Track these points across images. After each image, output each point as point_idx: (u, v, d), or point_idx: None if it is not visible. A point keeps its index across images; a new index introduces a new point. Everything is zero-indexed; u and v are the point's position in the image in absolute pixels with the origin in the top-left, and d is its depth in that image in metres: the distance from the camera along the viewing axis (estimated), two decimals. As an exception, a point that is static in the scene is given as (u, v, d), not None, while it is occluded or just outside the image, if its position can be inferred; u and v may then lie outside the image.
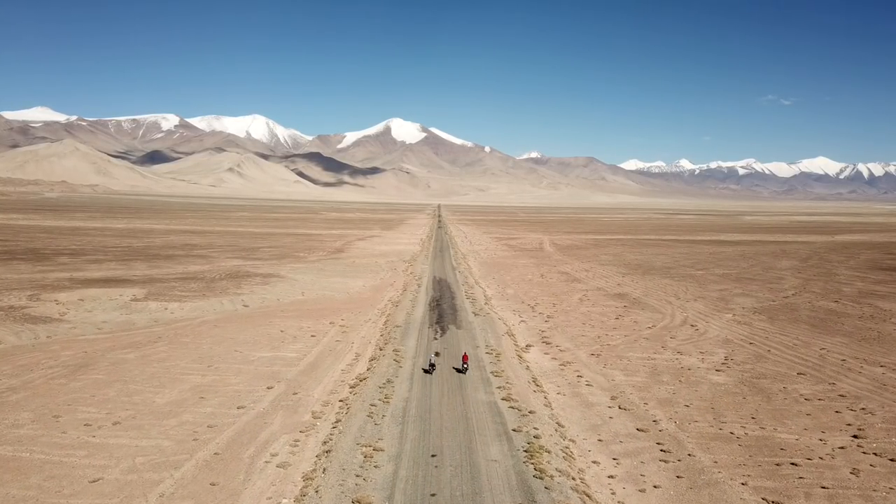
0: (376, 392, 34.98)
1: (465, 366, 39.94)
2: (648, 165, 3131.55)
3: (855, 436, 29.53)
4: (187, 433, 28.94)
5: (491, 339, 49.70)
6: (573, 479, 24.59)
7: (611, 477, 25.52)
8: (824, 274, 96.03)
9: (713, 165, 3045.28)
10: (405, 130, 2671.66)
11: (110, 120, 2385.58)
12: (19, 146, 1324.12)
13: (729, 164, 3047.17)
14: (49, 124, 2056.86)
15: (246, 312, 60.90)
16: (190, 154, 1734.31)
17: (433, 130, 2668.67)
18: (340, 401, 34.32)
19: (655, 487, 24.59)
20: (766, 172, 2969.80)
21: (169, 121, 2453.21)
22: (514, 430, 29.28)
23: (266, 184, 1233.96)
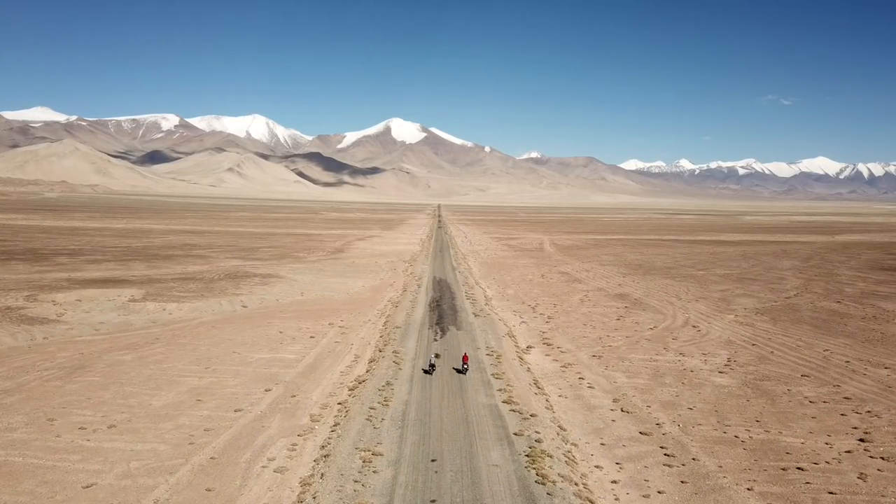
0: (375, 395, 34.54)
1: (466, 366, 39.58)
2: (648, 165, 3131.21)
3: (861, 439, 29.08)
4: (183, 437, 28.51)
5: (491, 341, 49.26)
6: (576, 485, 24.15)
7: (614, 482, 25.07)
8: (826, 274, 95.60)
9: (713, 165, 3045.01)
10: (405, 130, 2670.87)
11: (110, 120, 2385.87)
12: (19, 146, 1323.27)
13: (729, 164, 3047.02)
14: (49, 124, 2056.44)
15: (245, 313, 60.48)
16: (190, 154, 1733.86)
17: (433, 130, 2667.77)
18: (339, 404, 33.89)
19: (660, 493, 24.14)
20: (766, 172, 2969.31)
21: (169, 121, 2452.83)
22: (516, 434, 28.83)
23: (266, 184, 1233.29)
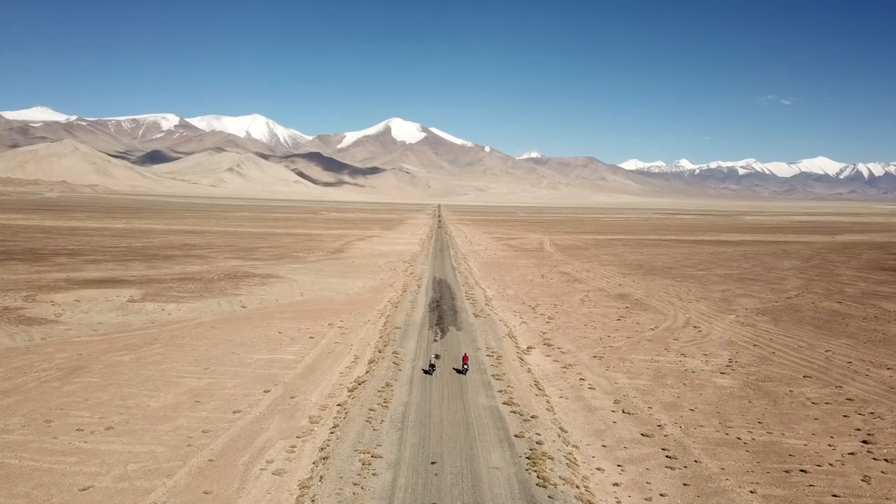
0: (375, 396, 34.31)
1: (466, 366, 39.38)
2: (648, 165, 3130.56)
3: (864, 441, 28.85)
4: (181, 439, 28.28)
5: (492, 341, 49.02)
6: (577, 488, 23.93)
7: (616, 485, 24.84)
8: (826, 274, 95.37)
9: (713, 165, 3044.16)
10: (405, 130, 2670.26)
11: (110, 120, 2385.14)
12: (19, 146, 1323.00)
13: (729, 164, 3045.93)
14: (49, 124, 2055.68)
15: (244, 313, 60.24)
16: (190, 154, 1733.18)
17: (433, 130, 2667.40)
18: (338, 405, 33.66)
19: (662, 496, 23.92)
20: (766, 172, 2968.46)
21: (169, 121, 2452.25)
22: (517, 436, 28.60)
23: (266, 184, 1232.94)
